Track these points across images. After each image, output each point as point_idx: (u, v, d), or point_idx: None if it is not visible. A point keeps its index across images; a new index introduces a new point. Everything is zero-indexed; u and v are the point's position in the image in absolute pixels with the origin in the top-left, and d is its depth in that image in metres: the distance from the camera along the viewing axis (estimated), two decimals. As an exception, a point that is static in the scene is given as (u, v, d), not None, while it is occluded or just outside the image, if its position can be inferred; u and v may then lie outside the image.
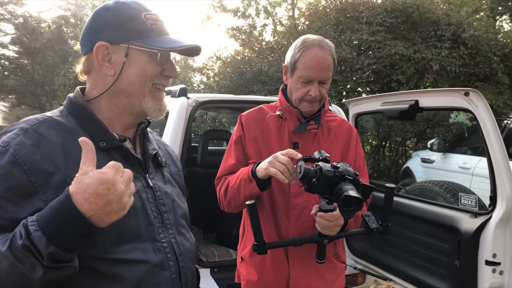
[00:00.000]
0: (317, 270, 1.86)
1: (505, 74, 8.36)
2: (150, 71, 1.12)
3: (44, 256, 0.85)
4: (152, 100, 1.14)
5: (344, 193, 1.50)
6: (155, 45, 1.09)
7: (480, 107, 2.09)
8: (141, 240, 1.07)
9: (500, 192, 2.10)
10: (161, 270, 1.09)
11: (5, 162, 0.95)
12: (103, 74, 1.12)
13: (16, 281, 0.86)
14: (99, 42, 1.09)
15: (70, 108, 1.13)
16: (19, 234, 0.87)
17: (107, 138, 1.10)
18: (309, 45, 1.80)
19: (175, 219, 1.21)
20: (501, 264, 2.10)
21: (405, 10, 8.40)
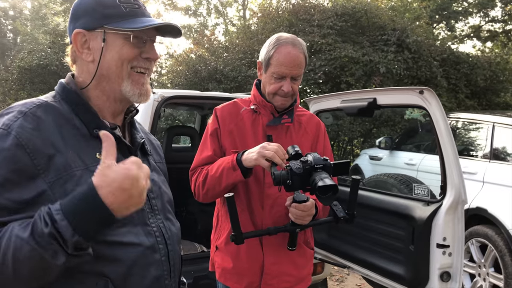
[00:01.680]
0: (289, 256, 1.97)
1: (443, 78, 8.98)
2: (126, 54, 1.13)
3: (69, 245, 0.89)
4: (131, 84, 1.15)
5: (318, 184, 1.62)
6: (127, 26, 1.11)
7: (433, 104, 2.30)
8: (133, 224, 1.11)
9: (449, 182, 2.32)
10: (152, 253, 1.14)
11: (9, 144, 0.97)
12: (85, 61, 1.15)
13: (36, 266, 0.90)
14: (76, 30, 1.13)
15: (64, 94, 1.15)
16: (43, 221, 0.90)
17: (100, 126, 1.12)
18: (282, 43, 1.91)
19: (162, 205, 1.26)
20: (450, 246, 2.33)
21: (354, 14, 8.80)
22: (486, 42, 18.40)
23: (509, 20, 16.71)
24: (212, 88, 7.72)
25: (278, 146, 1.76)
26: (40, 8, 14.88)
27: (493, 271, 3.94)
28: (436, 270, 2.33)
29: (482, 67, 9.66)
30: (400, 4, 11.73)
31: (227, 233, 1.98)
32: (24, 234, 0.89)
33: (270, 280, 1.96)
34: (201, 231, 3.32)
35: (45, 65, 8.32)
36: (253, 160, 1.76)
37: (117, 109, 1.21)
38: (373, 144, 8.47)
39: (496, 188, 4.01)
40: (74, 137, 1.07)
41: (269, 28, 8.92)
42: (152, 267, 1.13)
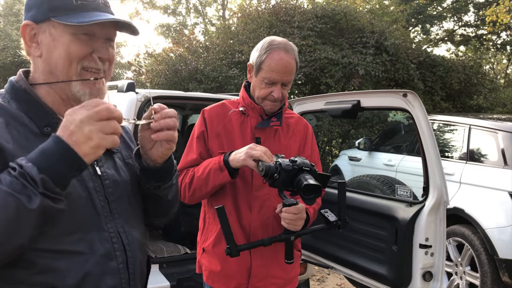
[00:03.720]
0: (277, 258, 1.97)
1: (420, 80, 9.19)
2: (75, 51, 1.05)
3: (38, 183, 0.87)
4: (81, 84, 1.06)
5: (304, 182, 1.65)
6: (75, 21, 1.03)
7: (416, 107, 2.34)
8: (86, 231, 1.06)
9: (432, 184, 2.37)
10: (107, 261, 1.08)
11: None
12: (34, 56, 1.09)
13: (11, 214, 0.86)
14: (24, 22, 1.08)
15: (13, 93, 1.09)
16: (9, 170, 0.89)
17: (52, 123, 1.06)
18: (275, 48, 1.88)
19: (124, 209, 1.18)
20: (432, 246, 2.38)
21: (333, 16, 8.89)
22: (460, 46, 18.92)
23: (482, 25, 17.22)
24: (192, 88, 7.67)
25: (266, 149, 1.77)
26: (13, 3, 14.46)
27: (470, 269, 4.05)
28: (419, 270, 2.38)
29: (456, 71, 9.93)
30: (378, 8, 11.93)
31: (215, 235, 1.97)
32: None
33: (257, 282, 1.95)
34: (184, 233, 3.29)
35: (20, 62, 8.10)
36: (240, 160, 1.76)
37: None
38: (351, 145, 8.59)
39: (473, 188, 4.12)
40: (24, 135, 1.02)
41: (250, 28, 8.93)
42: (107, 277, 1.07)
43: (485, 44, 17.86)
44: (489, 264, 3.80)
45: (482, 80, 10.88)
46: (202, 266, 2.05)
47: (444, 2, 17.23)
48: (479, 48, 17.83)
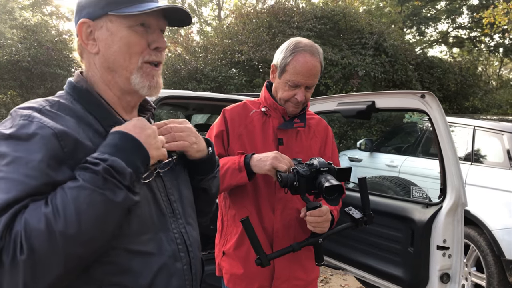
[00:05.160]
0: (299, 260, 1.95)
1: (418, 81, 9.23)
2: (134, 45, 1.06)
3: (127, 176, 0.91)
4: (141, 76, 1.08)
5: (325, 184, 1.64)
6: (130, 11, 1.03)
7: (434, 108, 2.34)
8: (155, 231, 1.06)
9: (450, 185, 2.37)
10: (174, 262, 1.08)
11: (34, 129, 0.92)
12: (91, 54, 1.08)
13: (99, 212, 0.87)
14: (80, 20, 1.06)
15: (75, 94, 1.07)
16: (91, 165, 0.90)
17: (116, 123, 1.06)
18: (300, 50, 1.84)
19: (183, 209, 1.19)
20: (449, 248, 2.37)
21: (332, 17, 8.90)
22: (453, 47, 19.09)
23: (475, 27, 17.38)
24: (191, 87, 7.63)
25: (289, 160, 1.76)
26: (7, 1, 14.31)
27: (475, 270, 4.05)
28: (436, 271, 2.37)
29: (453, 72, 10.00)
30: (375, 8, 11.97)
31: (236, 238, 1.94)
32: (77, 183, 0.87)
33: (280, 284, 1.93)
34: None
35: (16, 61, 7.98)
36: (265, 169, 1.74)
37: (128, 103, 1.13)
38: (349, 146, 8.59)
39: (478, 190, 4.13)
40: (91, 134, 1.02)
41: (249, 28, 8.90)
42: (174, 278, 1.07)
43: (478, 46, 18.04)
44: (496, 265, 3.81)
45: (478, 81, 10.97)
46: (222, 269, 2.01)
47: (438, 4, 17.37)
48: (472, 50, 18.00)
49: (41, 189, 0.88)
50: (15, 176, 0.86)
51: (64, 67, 8.78)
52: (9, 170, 0.87)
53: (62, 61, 8.69)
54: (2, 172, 0.87)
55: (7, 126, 0.94)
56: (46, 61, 8.30)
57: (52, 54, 8.39)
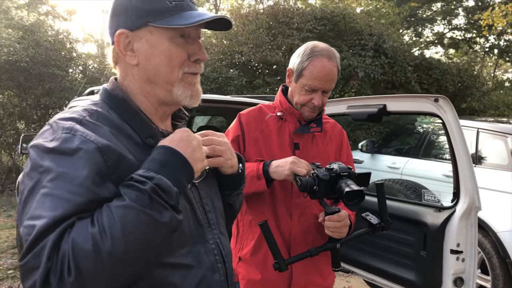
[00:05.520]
0: (316, 265, 1.94)
1: (417, 83, 9.26)
2: (176, 58, 1.03)
3: (173, 196, 0.90)
4: (183, 87, 1.06)
5: (345, 189, 1.63)
6: (175, 23, 1.00)
7: (448, 112, 2.33)
8: (193, 243, 1.04)
9: (463, 189, 2.37)
10: (212, 274, 1.06)
11: (77, 144, 0.89)
12: (129, 65, 1.06)
13: (145, 232, 0.86)
14: (119, 30, 1.03)
15: (111, 102, 1.05)
16: (138, 183, 0.87)
17: (154, 134, 1.05)
18: (317, 55, 1.82)
19: (216, 219, 1.17)
20: (463, 252, 2.37)
21: (332, 18, 8.91)
22: (449, 49, 19.18)
23: (471, 29, 17.48)
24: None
25: (307, 164, 1.75)
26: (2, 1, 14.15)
27: (480, 272, 4.06)
28: (450, 275, 2.37)
29: (451, 74, 10.04)
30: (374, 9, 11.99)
31: (253, 244, 1.93)
32: (123, 202, 0.85)
33: (298, 291, 1.92)
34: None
35: (14, 61, 7.90)
36: (284, 175, 1.74)
37: (164, 113, 1.11)
38: (351, 147, 8.57)
39: (482, 192, 4.12)
40: (130, 146, 1.00)
41: (249, 29, 8.88)
42: None
43: (474, 47, 18.14)
44: (501, 267, 3.82)
45: (476, 83, 11.03)
46: (238, 275, 2.00)
47: (434, 5, 17.45)
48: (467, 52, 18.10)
49: (86, 206, 0.86)
50: (61, 193, 0.84)
51: (63, 67, 8.71)
52: (54, 186, 0.85)
53: (60, 61, 8.63)
54: (47, 188, 0.85)
55: (47, 138, 0.91)
56: (45, 61, 8.23)
57: (50, 54, 8.32)
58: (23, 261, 0.81)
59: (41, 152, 0.89)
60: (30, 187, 0.88)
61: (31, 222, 0.83)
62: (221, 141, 1.17)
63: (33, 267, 0.80)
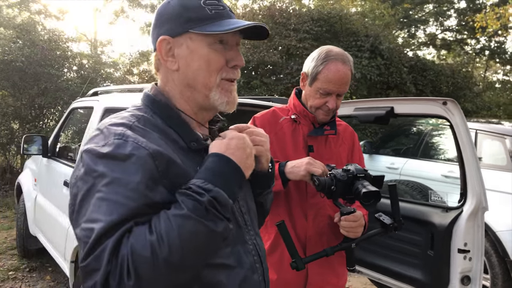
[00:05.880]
0: (331, 265, 1.97)
1: (412, 84, 9.37)
2: (214, 63, 1.07)
3: (228, 208, 0.93)
4: (220, 93, 1.09)
5: (362, 190, 1.67)
6: (214, 30, 1.04)
7: (456, 115, 2.39)
8: (234, 244, 1.07)
9: (470, 190, 2.42)
10: (251, 274, 1.09)
11: (130, 150, 0.92)
12: (169, 70, 1.09)
13: (200, 240, 0.89)
14: (160, 37, 1.07)
15: (154, 107, 1.08)
16: (195, 194, 0.90)
17: (197, 139, 1.08)
18: (332, 59, 1.86)
19: (251, 220, 1.19)
20: (470, 251, 2.43)
21: (329, 19, 8.97)
22: (441, 50, 19.41)
23: (463, 30, 17.71)
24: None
25: (322, 165, 1.78)
26: (-6, 0, 14.04)
27: (479, 271, 4.14)
28: (457, 274, 2.42)
29: (445, 75, 10.16)
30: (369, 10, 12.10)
31: (269, 244, 1.95)
32: (181, 211, 0.88)
33: (314, 290, 1.95)
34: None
35: (9, 61, 7.83)
36: (300, 175, 1.77)
37: (203, 118, 1.14)
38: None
39: (482, 192, 4.21)
40: (177, 150, 1.02)
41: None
42: None
43: (465, 48, 18.37)
44: (500, 266, 3.90)
45: (469, 84, 11.18)
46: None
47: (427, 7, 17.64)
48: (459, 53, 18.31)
49: (140, 210, 0.88)
50: (116, 198, 0.87)
51: (58, 67, 8.66)
52: (109, 191, 0.88)
53: (56, 61, 8.57)
54: (102, 192, 0.88)
55: (99, 143, 0.94)
56: (40, 61, 8.17)
57: (46, 54, 8.27)
58: (84, 263, 0.84)
59: (94, 157, 0.92)
60: (85, 191, 0.90)
61: (89, 225, 0.86)
62: (260, 132, 1.21)
63: (94, 269, 0.82)
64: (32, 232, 4.76)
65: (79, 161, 0.97)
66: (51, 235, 4.15)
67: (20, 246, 5.02)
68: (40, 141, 4.49)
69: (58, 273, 4.68)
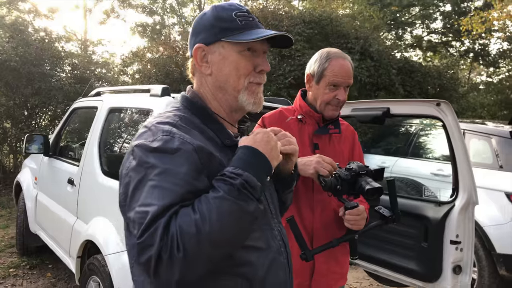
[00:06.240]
0: (335, 255, 2.12)
1: (400, 85, 9.60)
2: (243, 68, 1.20)
3: (258, 190, 1.06)
4: (248, 94, 1.22)
5: (366, 187, 1.82)
6: (243, 39, 1.17)
7: (449, 115, 2.57)
8: (262, 228, 1.20)
9: (462, 185, 2.61)
10: (278, 256, 1.22)
11: (177, 144, 1.07)
12: (203, 74, 1.23)
13: (236, 218, 1.02)
14: (196, 45, 1.21)
15: (192, 108, 1.22)
16: (229, 179, 1.04)
17: (230, 136, 1.22)
18: (334, 57, 2.05)
19: (276, 209, 1.34)
20: (461, 242, 2.61)
21: (320, 22, 9.15)
22: (427, 52, 19.80)
23: (448, 33, 18.10)
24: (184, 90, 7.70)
25: (331, 161, 1.93)
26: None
27: (467, 264, 4.34)
28: (450, 264, 2.60)
29: (432, 76, 10.43)
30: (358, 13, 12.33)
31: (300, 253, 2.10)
32: (218, 194, 1.01)
33: (320, 279, 2.10)
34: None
35: (3, 60, 7.83)
36: (308, 173, 1.91)
37: (234, 118, 1.29)
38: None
39: (469, 189, 4.41)
40: (213, 146, 1.16)
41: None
42: (280, 271, 1.23)
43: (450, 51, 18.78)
44: (487, 259, 4.11)
45: (455, 85, 11.47)
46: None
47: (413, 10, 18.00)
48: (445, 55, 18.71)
49: (187, 196, 1.02)
50: (167, 185, 1.01)
51: (52, 67, 8.67)
52: (160, 179, 1.02)
53: (50, 60, 8.59)
54: (154, 181, 1.02)
55: (149, 139, 1.08)
56: (34, 60, 8.19)
57: (40, 53, 8.28)
58: (140, 240, 0.97)
59: (145, 151, 1.06)
60: (138, 180, 1.04)
61: (143, 209, 1.00)
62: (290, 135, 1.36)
63: (148, 245, 0.96)
64: (32, 230, 4.80)
65: (129, 154, 1.11)
66: (54, 232, 4.22)
67: (20, 244, 5.06)
68: (42, 140, 4.57)
69: (58, 269, 4.75)
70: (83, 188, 3.56)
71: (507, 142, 4.32)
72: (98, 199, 3.32)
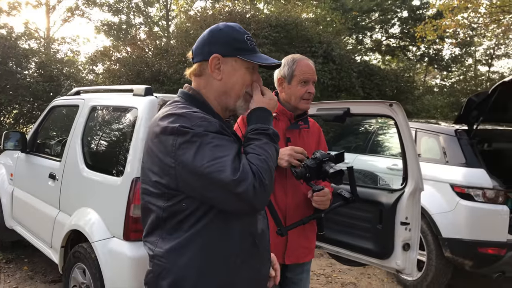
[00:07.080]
0: (305, 232, 2.48)
1: (360, 87, 10.18)
2: (247, 80, 1.52)
3: (277, 136, 1.49)
4: (243, 101, 1.54)
5: (330, 171, 2.20)
6: (255, 60, 1.50)
7: (399, 114, 2.99)
8: None
9: (410, 175, 3.04)
10: (263, 218, 1.64)
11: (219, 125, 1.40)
12: (212, 78, 1.50)
13: (276, 156, 1.46)
14: (214, 54, 1.48)
15: (194, 102, 1.50)
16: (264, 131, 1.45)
17: (228, 126, 1.55)
18: (299, 59, 2.45)
19: None
20: (410, 223, 3.04)
21: (285, 26, 9.57)
22: (386, 55, 20.76)
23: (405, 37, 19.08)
24: (154, 89, 7.87)
25: (302, 150, 2.29)
26: None
27: (418, 249, 4.83)
28: (400, 242, 3.03)
29: (390, 79, 11.09)
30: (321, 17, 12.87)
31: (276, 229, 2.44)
32: (263, 141, 1.43)
33: (292, 253, 2.45)
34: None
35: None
36: (283, 164, 2.26)
37: (225, 116, 1.61)
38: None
39: (420, 182, 4.90)
40: None
41: (207, 33, 9.25)
42: (266, 230, 1.65)
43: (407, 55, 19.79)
44: (434, 243, 4.59)
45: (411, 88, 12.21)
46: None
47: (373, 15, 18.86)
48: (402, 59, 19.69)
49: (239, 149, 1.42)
50: (226, 143, 1.37)
51: (20, 63, 8.60)
52: (218, 141, 1.35)
53: (17, 58, 8.52)
54: (213, 143, 1.34)
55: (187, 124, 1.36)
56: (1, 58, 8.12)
57: (7, 51, 8.22)
58: (235, 177, 1.28)
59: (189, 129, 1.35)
60: (197, 147, 1.32)
61: (217, 161, 1.30)
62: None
63: (243, 179, 1.29)
64: (8, 225, 4.87)
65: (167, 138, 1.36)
66: (33, 226, 4.34)
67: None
68: (19, 137, 4.67)
69: (34, 263, 4.87)
70: (66, 182, 3.74)
71: (453, 140, 4.82)
72: (82, 191, 3.49)
